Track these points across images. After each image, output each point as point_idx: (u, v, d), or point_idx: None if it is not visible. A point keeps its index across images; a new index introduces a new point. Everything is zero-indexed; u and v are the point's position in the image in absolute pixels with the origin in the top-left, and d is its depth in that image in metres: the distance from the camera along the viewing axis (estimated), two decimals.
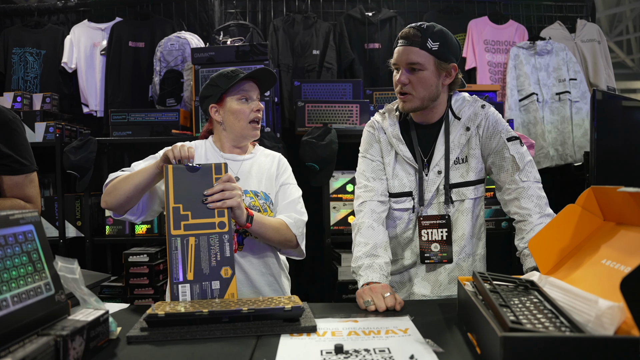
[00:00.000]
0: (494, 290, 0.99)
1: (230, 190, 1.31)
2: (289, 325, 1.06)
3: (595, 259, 0.99)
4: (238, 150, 1.63)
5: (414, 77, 1.39)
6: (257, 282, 1.53)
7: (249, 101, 1.58)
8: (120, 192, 1.40)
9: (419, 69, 1.39)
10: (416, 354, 0.89)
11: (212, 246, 1.28)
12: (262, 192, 1.57)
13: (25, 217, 0.95)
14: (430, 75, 1.39)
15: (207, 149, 1.63)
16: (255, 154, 1.66)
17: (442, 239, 1.46)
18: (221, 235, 1.29)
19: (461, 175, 1.48)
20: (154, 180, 1.41)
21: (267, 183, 1.59)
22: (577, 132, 3.15)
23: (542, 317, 0.85)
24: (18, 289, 0.86)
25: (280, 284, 1.59)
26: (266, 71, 1.60)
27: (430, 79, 1.40)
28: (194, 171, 1.31)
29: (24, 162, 1.55)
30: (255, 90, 1.61)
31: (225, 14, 3.35)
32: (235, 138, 1.60)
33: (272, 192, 1.59)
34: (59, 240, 2.72)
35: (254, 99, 1.59)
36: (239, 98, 1.57)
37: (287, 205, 1.56)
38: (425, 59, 1.38)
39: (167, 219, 1.26)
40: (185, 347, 0.97)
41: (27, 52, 3.32)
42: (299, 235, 1.51)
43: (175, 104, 2.96)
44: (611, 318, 0.74)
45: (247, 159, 1.62)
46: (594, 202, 1.09)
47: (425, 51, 1.37)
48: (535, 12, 3.53)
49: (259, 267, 1.53)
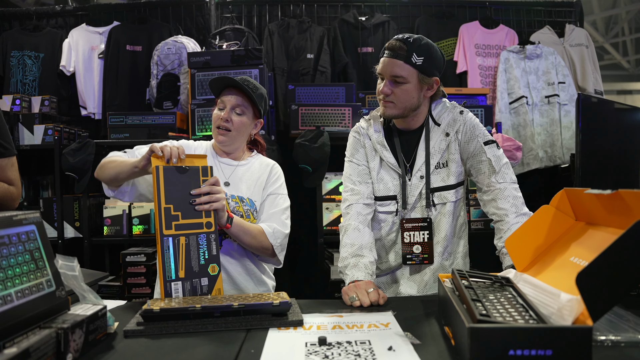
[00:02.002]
0: (469, 286, 1.05)
1: (216, 193, 1.39)
2: (277, 319, 1.12)
3: (565, 257, 1.06)
4: (232, 156, 1.67)
5: (397, 89, 1.45)
6: (238, 280, 1.57)
7: (223, 109, 1.60)
8: (106, 173, 1.53)
9: (402, 82, 1.44)
10: (394, 346, 0.95)
11: (201, 245, 1.35)
12: (247, 198, 1.60)
13: (27, 217, 1.00)
14: (412, 88, 1.45)
15: (207, 150, 1.68)
16: (250, 161, 1.69)
17: (423, 240, 1.52)
18: (208, 235, 1.37)
19: (442, 179, 1.54)
20: (132, 176, 1.50)
21: (255, 190, 1.62)
22: (565, 135, 3.21)
23: (514, 310, 0.91)
24: (21, 285, 0.91)
25: (263, 282, 1.63)
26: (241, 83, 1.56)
27: (412, 92, 1.45)
28: (183, 172, 1.38)
29: (7, 146, 1.56)
30: (235, 100, 1.58)
31: (221, 18, 3.41)
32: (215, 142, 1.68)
33: (258, 200, 1.62)
34: (57, 241, 2.77)
35: (227, 108, 1.59)
36: (218, 105, 1.63)
37: (272, 215, 1.59)
38: (408, 72, 1.43)
39: (158, 219, 1.32)
40: (179, 340, 1.03)
41: (25, 55, 3.37)
42: (277, 245, 1.54)
43: (172, 107, 3.01)
44: (570, 310, 0.80)
45: (241, 165, 1.66)
46: (566, 203, 1.16)
47: (409, 65, 1.42)
48: (525, 17, 3.60)
49: (237, 266, 1.57)
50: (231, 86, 1.61)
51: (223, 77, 1.59)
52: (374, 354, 0.92)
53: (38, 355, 0.80)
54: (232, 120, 1.59)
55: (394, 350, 0.93)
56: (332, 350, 0.94)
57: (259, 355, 0.93)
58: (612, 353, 0.88)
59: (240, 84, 1.56)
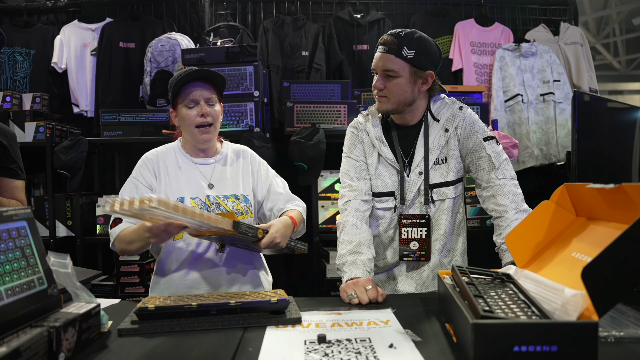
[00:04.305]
0: (471, 282, 1.04)
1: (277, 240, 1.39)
2: (275, 317, 1.10)
3: (566, 252, 1.04)
4: (205, 153, 1.59)
5: (389, 84, 1.44)
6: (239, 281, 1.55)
7: (195, 106, 1.50)
8: (132, 251, 1.48)
9: (394, 76, 1.43)
10: (395, 343, 0.94)
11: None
12: (241, 195, 1.56)
13: (18, 213, 0.98)
14: (404, 82, 1.44)
15: (177, 154, 1.58)
16: (226, 154, 1.62)
17: (421, 237, 1.51)
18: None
19: (441, 175, 1.53)
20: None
21: (244, 185, 1.59)
22: (560, 132, 3.22)
23: (515, 307, 0.89)
24: (12, 282, 0.89)
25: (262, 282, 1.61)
26: (206, 72, 1.50)
27: (404, 86, 1.44)
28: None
29: (22, 170, 1.78)
30: (204, 92, 1.50)
31: (216, 15, 3.38)
32: (193, 143, 1.56)
33: (250, 194, 1.59)
34: (49, 240, 2.73)
35: (200, 102, 1.49)
36: (185, 103, 1.50)
37: (287, 196, 1.64)
38: (399, 66, 1.42)
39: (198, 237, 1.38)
40: (174, 339, 1.00)
41: (16, 52, 3.32)
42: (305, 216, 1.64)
43: (166, 105, 2.98)
44: (574, 305, 0.79)
45: (218, 161, 1.59)
46: (567, 199, 1.15)
47: (400, 59, 1.42)
48: (520, 15, 3.60)
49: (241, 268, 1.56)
50: (194, 80, 1.50)
51: (192, 71, 1.48)
52: (374, 351, 0.90)
53: (29, 354, 0.78)
54: (210, 114, 1.50)
55: (395, 347, 0.92)
56: (332, 348, 0.92)
57: (257, 354, 0.91)
58: (615, 349, 0.87)
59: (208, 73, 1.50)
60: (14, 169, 1.73)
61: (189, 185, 1.52)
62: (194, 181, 1.53)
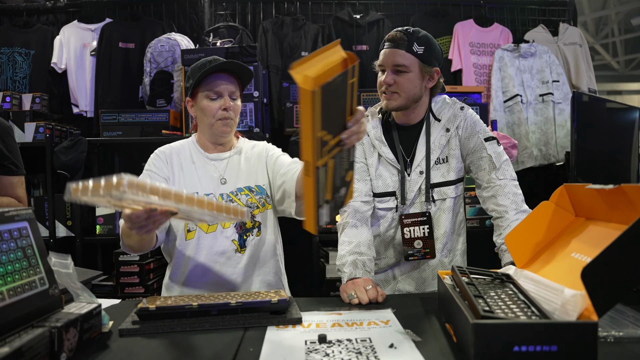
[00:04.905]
0: (470, 282, 1.04)
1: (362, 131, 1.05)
2: (276, 317, 1.10)
3: (566, 252, 1.05)
4: (221, 148, 1.55)
5: (399, 78, 1.45)
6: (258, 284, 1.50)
7: (218, 98, 1.45)
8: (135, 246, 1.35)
9: (404, 71, 1.44)
10: (395, 343, 0.94)
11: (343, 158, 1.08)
12: (256, 186, 1.51)
13: (19, 214, 0.98)
14: (414, 77, 1.45)
15: (191, 150, 1.54)
16: (241, 148, 1.58)
17: (424, 235, 1.51)
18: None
19: (442, 175, 1.53)
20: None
21: (260, 175, 1.53)
22: (559, 133, 3.23)
23: (515, 307, 0.90)
24: (13, 283, 0.89)
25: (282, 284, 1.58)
26: (236, 64, 1.46)
27: (414, 81, 1.46)
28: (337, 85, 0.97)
29: (19, 165, 1.69)
30: (229, 86, 1.46)
31: (215, 15, 3.39)
32: (211, 136, 1.52)
33: (265, 183, 1.52)
34: (49, 240, 2.73)
35: (224, 96, 1.45)
36: (207, 95, 1.45)
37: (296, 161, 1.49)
38: (410, 61, 1.44)
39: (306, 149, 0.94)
40: (175, 339, 1.01)
41: (15, 52, 3.32)
42: None
43: (166, 105, 2.98)
44: (574, 305, 0.79)
45: (233, 155, 1.55)
46: (566, 199, 1.15)
47: (410, 54, 1.43)
48: (520, 15, 3.61)
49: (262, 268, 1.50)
50: (220, 71, 1.46)
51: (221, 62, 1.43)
52: (375, 351, 0.90)
53: (31, 354, 0.78)
54: (232, 108, 1.46)
55: (395, 347, 0.92)
56: (333, 348, 0.92)
57: (258, 354, 0.91)
58: (615, 349, 0.87)
59: (238, 66, 1.45)
60: (7, 165, 1.65)
61: (202, 181, 1.48)
62: (208, 177, 1.49)
